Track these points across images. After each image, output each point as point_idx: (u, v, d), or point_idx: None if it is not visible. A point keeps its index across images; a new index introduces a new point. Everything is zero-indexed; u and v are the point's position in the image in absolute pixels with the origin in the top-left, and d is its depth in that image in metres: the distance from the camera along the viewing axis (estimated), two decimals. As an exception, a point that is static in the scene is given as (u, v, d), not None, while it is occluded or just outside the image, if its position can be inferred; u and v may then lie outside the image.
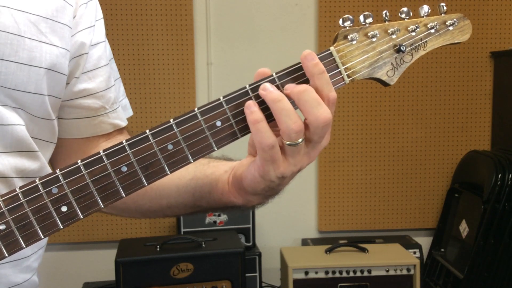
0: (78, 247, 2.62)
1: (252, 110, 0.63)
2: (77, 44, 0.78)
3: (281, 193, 0.72)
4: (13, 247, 0.61)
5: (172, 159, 0.64)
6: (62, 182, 0.61)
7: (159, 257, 1.99)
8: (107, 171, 0.62)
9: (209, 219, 2.40)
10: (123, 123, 0.88)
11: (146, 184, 0.63)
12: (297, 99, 0.63)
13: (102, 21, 0.85)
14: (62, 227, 0.62)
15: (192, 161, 0.64)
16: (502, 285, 2.35)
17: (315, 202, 2.77)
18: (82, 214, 0.62)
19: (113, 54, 0.90)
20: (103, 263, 2.58)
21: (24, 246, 0.61)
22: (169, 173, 0.64)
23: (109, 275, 2.25)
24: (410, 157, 2.76)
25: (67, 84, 0.79)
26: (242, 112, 0.64)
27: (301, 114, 0.64)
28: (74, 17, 0.78)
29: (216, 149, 0.65)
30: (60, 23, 0.75)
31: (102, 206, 0.62)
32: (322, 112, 0.62)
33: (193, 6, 2.57)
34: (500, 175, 2.35)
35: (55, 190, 0.61)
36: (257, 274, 2.38)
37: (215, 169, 0.77)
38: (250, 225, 2.42)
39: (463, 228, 2.51)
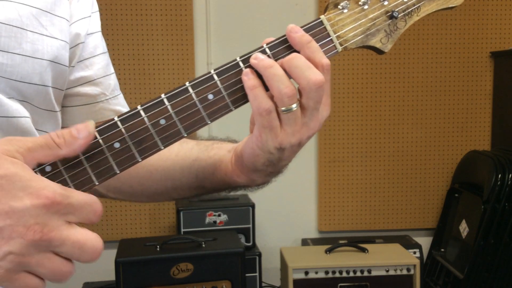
0: (78, 247, 2.62)
1: (249, 77, 0.64)
2: (72, 34, 0.79)
3: (283, 171, 0.72)
4: None
5: (165, 134, 0.63)
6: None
7: (159, 257, 1.99)
8: (100, 147, 0.61)
9: (209, 219, 2.40)
10: (125, 109, 0.87)
11: (140, 160, 0.63)
12: (288, 67, 0.63)
13: (98, 13, 0.86)
14: None
15: (185, 135, 0.64)
16: (502, 285, 2.35)
17: (315, 202, 2.77)
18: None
19: (113, 54, 0.91)
20: (103, 263, 2.56)
21: None
22: (162, 148, 0.63)
23: (109, 275, 2.24)
24: (410, 157, 2.76)
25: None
26: (234, 84, 0.65)
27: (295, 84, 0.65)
28: (69, 10, 0.79)
29: (209, 122, 0.65)
30: (58, 16, 0.76)
31: (97, 183, 0.61)
32: (314, 75, 0.62)
33: (193, 6, 2.57)
34: (500, 175, 2.35)
35: (48, 168, 0.59)
36: (257, 274, 2.38)
37: (218, 150, 0.78)
38: (250, 225, 2.42)
39: (463, 228, 2.51)
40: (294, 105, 0.63)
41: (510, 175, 2.35)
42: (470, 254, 2.35)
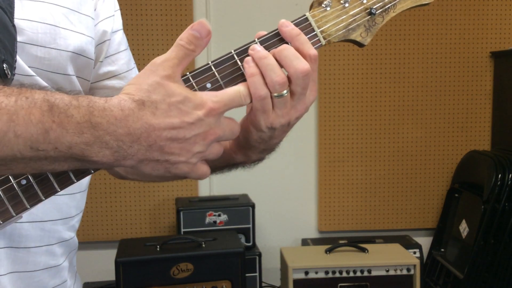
0: (78, 247, 2.62)
1: (250, 65, 0.72)
2: (99, 32, 0.89)
3: (275, 148, 0.81)
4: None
5: None
6: None
7: (159, 257, 1.99)
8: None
9: (209, 219, 2.40)
10: None
11: None
12: (278, 57, 0.72)
13: (119, 12, 0.96)
14: (75, 181, 0.67)
15: None
16: (502, 285, 2.35)
17: (315, 202, 2.77)
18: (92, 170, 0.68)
19: (113, 54, 0.95)
20: (103, 263, 2.58)
21: (43, 198, 0.66)
22: None
23: (109, 275, 2.25)
24: (410, 157, 2.76)
25: (93, 68, 0.89)
26: (230, 74, 0.72)
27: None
28: (95, 10, 0.89)
29: None
30: (84, 14, 0.85)
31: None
32: (300, 64, 0.71)
33: (193, 6, 2.57)
34: (500, 175, 2.35)
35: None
36: (257, 274, 2.38)
37: None
38: (250, 225, 2.42)
39: (463, 228, 2.51)
40: (284, 91, 0.71)
41: (510, 175, 2.35)
42: (470, 254, 2.35)
